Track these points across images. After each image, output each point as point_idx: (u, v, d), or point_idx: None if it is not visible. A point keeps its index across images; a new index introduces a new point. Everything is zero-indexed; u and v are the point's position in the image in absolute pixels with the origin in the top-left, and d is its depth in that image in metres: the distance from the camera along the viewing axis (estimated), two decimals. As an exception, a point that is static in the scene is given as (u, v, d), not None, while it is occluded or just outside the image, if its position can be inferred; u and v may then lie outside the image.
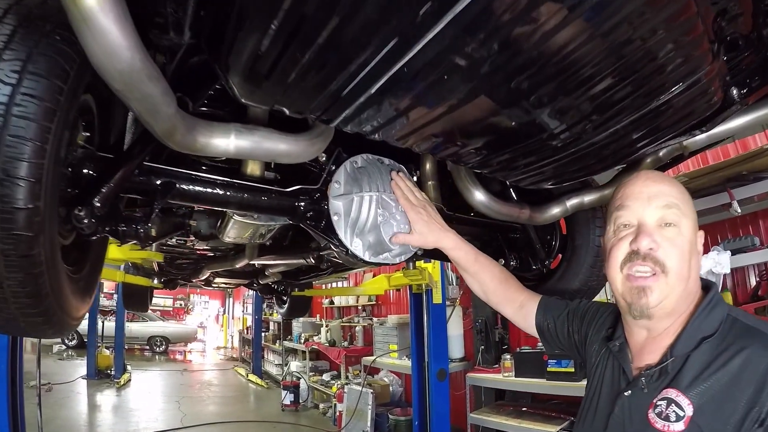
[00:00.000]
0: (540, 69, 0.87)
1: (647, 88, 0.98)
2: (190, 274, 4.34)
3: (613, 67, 0.89)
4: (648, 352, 1.02)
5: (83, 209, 1.02)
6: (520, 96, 0.96)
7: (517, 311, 1.43)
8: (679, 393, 0.91)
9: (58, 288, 1.03)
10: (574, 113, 1.05)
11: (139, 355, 15.65)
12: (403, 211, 1.33)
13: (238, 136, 1.02)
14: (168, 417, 7.48)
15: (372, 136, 1.07)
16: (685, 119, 1.17)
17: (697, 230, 1.03)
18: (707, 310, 0.98)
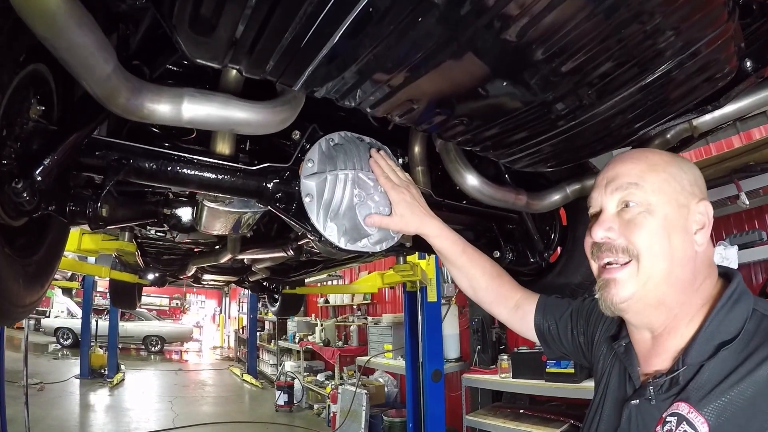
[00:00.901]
0: (533, 21, 0.74)
1: (655, 45, 0.84)
2: (177, 270, 4.22)
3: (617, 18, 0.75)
4: (656, 354, 0.89)
5: (21, 182, 0.92)
6: (511, 55, 0.83)
7: (513, 312, 1.25)
8: (691, 409, 0.77)
9: None
10: (574, 76, 0.91)
11: (135, 354, 15.48)
12: (383, 192, 1.18)
13: (191, 102, 0.90)
14: (160, 417, 7.35)
15: (343, 103, 0.94)
16: (696, 89, 1.03)
17: (684, 204, 0.88)
18: (727, 307, 0.83)
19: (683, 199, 0.88)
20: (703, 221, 0.87)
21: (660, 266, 0.85)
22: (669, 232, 0.86)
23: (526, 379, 4.29)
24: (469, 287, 1.30)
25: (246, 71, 0.85)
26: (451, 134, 1.14)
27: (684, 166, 0.91)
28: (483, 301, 1.30)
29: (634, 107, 1.06)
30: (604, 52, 0.84)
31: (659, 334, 0.89)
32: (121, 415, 7.34)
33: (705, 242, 0.87)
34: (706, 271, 0.88)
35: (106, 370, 10.25)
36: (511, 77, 0.91)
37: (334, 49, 0.77)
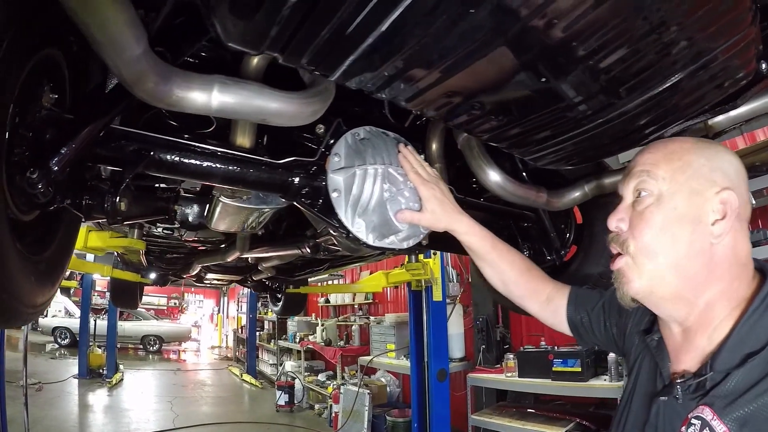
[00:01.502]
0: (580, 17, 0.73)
1: (684, 48, 0.84)
2: (180, 269, 4.19)
3: (652, 19, 0.76)
4: (685, 351, 0.87)
5: (37, 172, 0.88)
6: (554, 51, 0.81)
7: (545, 306, 1.23)
8: (715, 416, 0.76)
9: (1, 268, 0.88)
10: (607, 76, 0.91)
11: (133, 354, 15.41)
12: (413, 187, 1.16)
13: (221, 90, 0.86)
14: (160, 418, 7.29)
15: (378, 94, 0.91)
16: (717, 90, 1.04)
17: (699, 192, 0.84)
18: (759, 312, 0.79)
19: (698, 187, 0.84)
20: (723, 211, 0.83)
21: (662, 261, 0.85)
22: (675, 224, 0.85)
23: (532, 378, 4.28)
24: (499, 282, 1.27)
25: (283, 59, 0.81)
26: (481, 130, 1.12)
27: (709, 153, 0.87)
28: (514, 295, 1.27)
29: (658, 107, 1.06)
30: (638, 52, 0.84)
31: (688, 329, 0.87)
32: (120, 416, 7.29)
33: (723, 234, 0.82)
34: (732, 267, 0.84)
35: (105, 370, 10.20)
36: (551, 74, 0.89)
37: (381, 39, 0.73)
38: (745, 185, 0.87)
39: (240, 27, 0.74)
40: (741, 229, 0.84)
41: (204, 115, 1.28)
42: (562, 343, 4.69)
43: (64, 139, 0.94)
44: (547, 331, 5.19)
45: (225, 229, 1.95)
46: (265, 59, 1.02)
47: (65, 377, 9.63)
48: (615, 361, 3.82)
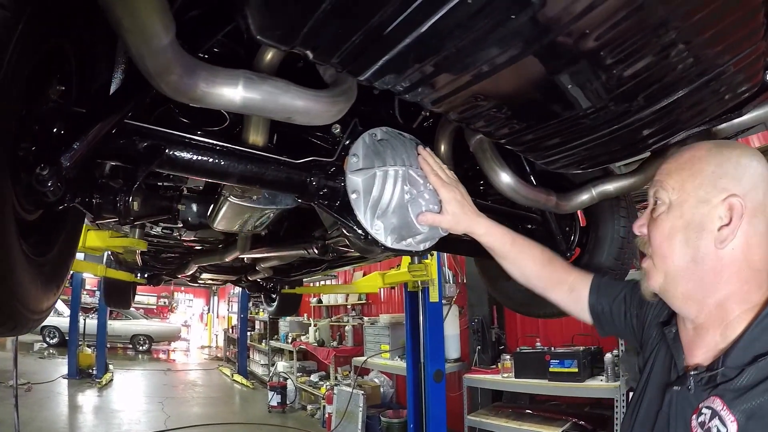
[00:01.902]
0: (611, 27, 0.74)
1: (698, 60, 0.88)
2: (175, 269, 4.14)
3: (672, 30, 0.78)
4: (697, 346, 0.93)
5: (47, 168, 0.83)
6: (584, 60, 0.83)
7: (567, 295, 1.25)
8: (724, 406, 0.81)
9: (9, 272, 0.84)
10: (627, 84, 0.93)
11: (122, 354, 15.23)
12: (432, 190, 1.15)
13: (247, 86, 0.83)
14: (151, 419, 7.21)
15: (405, 96, 0.90)
16: (726, 100, 1.08)
17: (706, 200, 0.88)
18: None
19: (705, 195, 0.88)
20: (728, 217, 0.86)
21: (671, 264, 0.91)
22: (682, 231, 0.90)
23: (529, 379, 4.29)
24: (521, 276, 1.29)
25: (314, 56, 0.79)
26: (500, 134, 1.13)
27: (720, 160, 0.90)
28: (537, 287, 1.29)
29: (668, 116, 1.09)
30: (655, 65, 0.87)
31: (698, 327, 0.92)
32: (111, 417, 7.19)
33: (729, 239, 0.86)
34: (742, 271, 0.87)
35: (95, 370, 10.04)
36: (575, 83, 0.91)
37: (418, 41, 0.72)
38: (765, 188, 0.87)
39: (274, 21, 0.72)
40: (756, 233, 0.86)
41: (215, 113, 1.27)
42: (558, 344, 4.72)
43: (76, 133, 0.90)
44: (542, 331, 5.22)
45: (228, 228, 1.92)
46: (280, 55, 0.99)
47: (54, 377, 9.48)
48: (611, 361, 3.85)
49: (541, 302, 2.12)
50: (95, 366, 10.13)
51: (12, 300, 0.88)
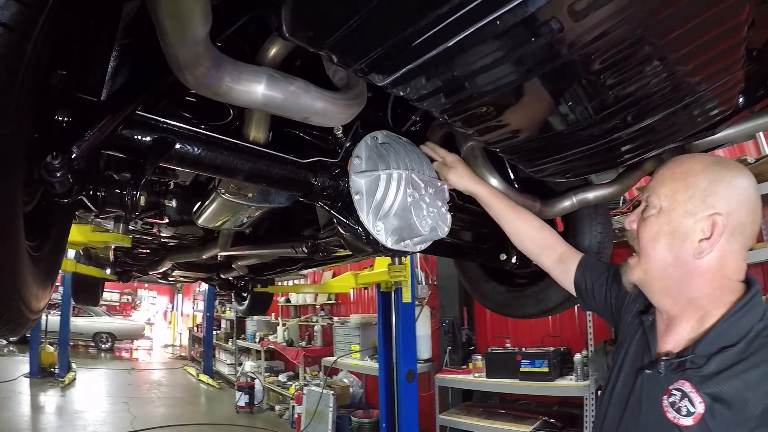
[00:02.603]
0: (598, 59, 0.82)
1: (685, 88, 0.97)
2: (148, 265, 4.05)
3: (666, 61, 0.87)
4: (670, 335, 1.04)
5: (59, 157, 0.80)
6: (585, 81, 0.90)
7: (556, 264, 1.40)
8: (693, 389, 0.92)
9: (16, 268, 0.82)
10: (618, 103, 1.00)
11: (84, 352, 14.70)
12: (432, 194, 1.20)
13: (270, 84, 0.84)
14: (117, 420, 7.01)
15: (417, 103, 0.93)
16: (705, 121, 1.17)
17: (693, 213, 0.98)
18: (738, 315, 0.95)
19: (692, 208, 0.99)
20: (706, 233, 0.97)
21: (652, 263, 1.03)
22: (666, 236, 1.01)
23: (500, 379, 4.37)
24: (515, 235, 1.46)
25: (339, 60, 0.81)
26: (498, 142, 1.17)
27: (713, 177, 0.99)
28: (529, 249, 1.46)
29: (649, 134, 1.16)
30: (645, 88, 0.94)
31: (672, 318, 1.04)
32: (75, 418, 6.94)
33: (707, 252, 0.97)
34: (716, 279, 0.98)
35: (57, 369, 9.68)
36: (575, 100, 0.97)
37: (442, 55, 0.76)
38: (749, 210, 0.97)
39: (307, 24, 0.73)
40: (731, 250, 0.97)
41: (215, 109, 1.27)
42: (528, 345, 4.83)
43: (85, 122, 0.87)
44: (512, 333, 5.33)
45: (213, 225, 1.91)
46: (284, 53, 1.01)
47: (15, 376, 9.12)
48: (580, 361, 3.97)
49: (520, 303, 2.20)
50: (58, 365, 9.76)
51: (16, 298, 0.86)
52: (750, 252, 3.41)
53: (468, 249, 2.09)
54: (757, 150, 3.88)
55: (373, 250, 1.23)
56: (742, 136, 1.45)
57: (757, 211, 0.99)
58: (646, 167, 1.64)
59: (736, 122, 1.38)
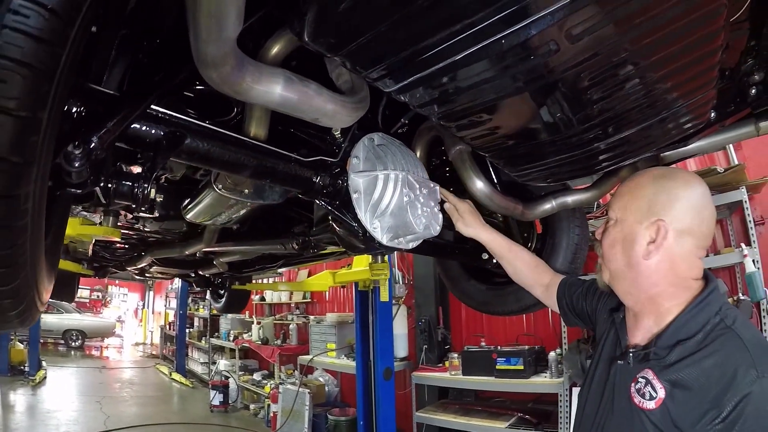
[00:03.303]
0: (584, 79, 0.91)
1: (663, 101, 1.05)
2: (126, 260, 4.00)
3: (646, 80, 0.95)
4: (637, 330, 1.18)
5: (81, 147, 0.81)
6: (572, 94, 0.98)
7: (545, 291, 1.61)
8: (654, 376, 1.05)
9: (37, 256, 0.83)
10: (600, 116, 1.08)
11: (53, 349, 14.34)
12: (426, 193, 1.27)
13: (287, 85, 0.88)
14: (89, 419, 6.87)
15: (418, 108, 0.99)
16: (680, 133, 1.26)
17: (640, 221, 1.14)
18: (696, 310, 1.08)
19: (641, 217, 1.15)
20: (652, 237, 1.12)
21: (612, 266, 1.21)
22: (619, 243, 1.18)
23: (476, 376, 4.46)
24: (513, 273, 1.68)
25: (352, 66, 0.86)
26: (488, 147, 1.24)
27: (657, 189, 1.16)
28: (524, 283, 1.68)
29: (625, 144, 1.25)
30: (629, 104, 1.04)
31: (637, 314, 1.19)
32: (47, 417, 6.78)
33: (653, 254, 1.12)
34: (668, 277, 1.12)
35: (27, 367, 9.42)
36: (561, 110, 1.04)
37: (450, 67, 0.81)
38: (694, 214, 1.12)
39: (328, 32, 0.77)
40: (681, 251, 1.11)
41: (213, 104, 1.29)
42: (503, 343, 4.95)
43: (106, 114, 0.88)
44: (486, 332, 5.45)
45: (201, 220, 1.93)
46: (285, 53, 1.03)
47: (-17, 375, 8.84)
48: (555, 359, 4.09)
49: (500, 301, 2.28)
50: (28, 362, 9.51)
51: (33, 288, 0.86)
52: (717, 257, 3.62)
53: (451, 248, 2.16)
54: (726, 160, 4.08)
55: (367, 247, 1.28)
56: (712, 147, 1.57)
57: (704, 213, 1.12)
58: (622, 174, 1.74)
59: (707, 135, 1.49)
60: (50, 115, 0.60)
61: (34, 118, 0.57)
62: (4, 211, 0.63)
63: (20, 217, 0.66)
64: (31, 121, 0.57)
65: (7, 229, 0.66)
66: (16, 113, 0.55)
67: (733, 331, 1.03)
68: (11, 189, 0.61)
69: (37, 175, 0.64)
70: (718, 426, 0.94)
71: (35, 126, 0.58)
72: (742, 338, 1.01)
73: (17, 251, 0.72)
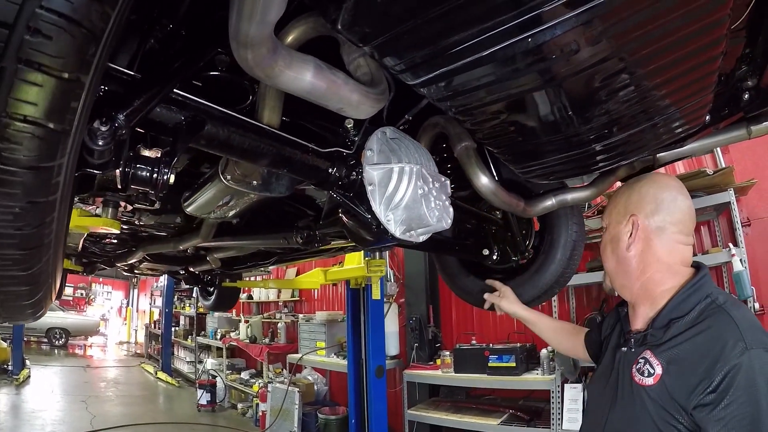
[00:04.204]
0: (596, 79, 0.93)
1: (659, 106, 1.09)
2: (117, 256, 3.93)
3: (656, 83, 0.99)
4: (637, 318, 1.30)
5: (108, 124, 0.76)
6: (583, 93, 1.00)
7: (573, 348, 1.77)
8: (652, 355, 1.16)
9: (61, 239, 0.82)
10: (606, 116, 1.10)
11: (37, 348, 14.17)
12: (438, 187, 1.28)
13: (317, 73, 0.88)
14: (75, 419, 6.77)
15: (437, 102, 0.99)
16: (678, 135, 1.30)
17: (620, 221, 1.33)
18: (686, 294, 1.19)
19: (620, 218, 1.33)
20: (629, 231, 1.29)
21: (608, 267, 1.38)
22: (609, 244, 1.37)
23: (468, 374, 4.49)
24: (545, 338, 1.88)
25: (379, 55, 0.85)
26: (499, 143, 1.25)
27: (629, 193, 1.35)
28: (562, 350, 1.90)
29: (628, 144, 1.27)
30: (634, 106, 1.06)
31: (635, 305, 1.32)
32: (33, 417, 6.67)
33: (633, 246, 1.28)
34: (654, 265, 1.26)
35: (11, 366, 9.28)
36: (567, 110, 1.06)
37: (475, 62, 0.82)
38: (666, 206, 1.27)
39: (362, 23, 0.77)
40: (660, 240, 1.26)
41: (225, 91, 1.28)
42: (494, 341, 4.99)
43: (131, 95, 0.84)
44: (477, 329, 5.49)
45: (201, 213, 1.91)
46: (303, 39, 1.02)
47: (-34, 374, 8.66)
48: (547, 356, 4.13)
49: (498, 298, 2.29)
50: (11, 361, 9.36)
51: (52, 276, 0.85)
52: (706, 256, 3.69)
53: (452, 244, 2.17)
54: (714, 163, 4.17)
55: (378, 240, 1.28)
56: (705, 149, 1.63)
57: (675, 204, 1.27)
58: (619, 173, 1.77)
59: (702, 137, 1.54)
60: (92, 81, 0.56)
61: (78, 82, 0.53)
62: (35, 184, 0.59)
63: (51, 192, 0.63)
64: (75, 86, 0.53)
65: (36, 204, 0.62)
66: (59, 74, 0.50)
67: (723, 309, 1.11)
68: (45, 159, 0.57)
69: (72, 147, 0.61)
70: (710, 396, 1.01)
71: (78, 91, 0.54)
72: (731, 315, 1.09)
73: (44, 230, 0.70)
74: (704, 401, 1.01)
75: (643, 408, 1.12)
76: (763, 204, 3.98)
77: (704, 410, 1.01)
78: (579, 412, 3.73)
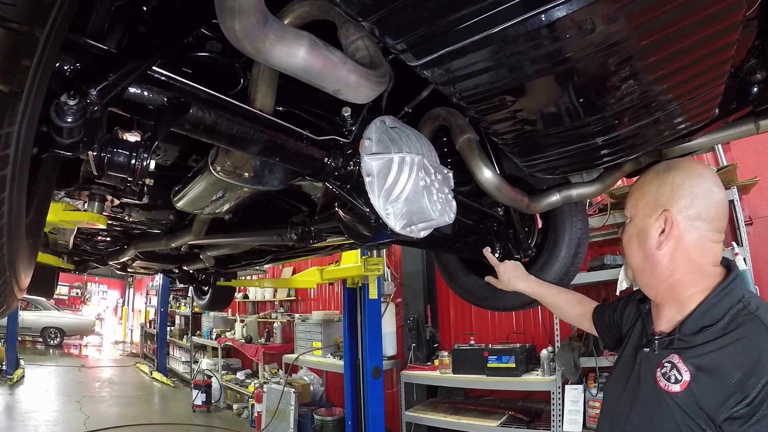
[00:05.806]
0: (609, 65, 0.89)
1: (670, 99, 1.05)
2: (109, 254, 3.85)
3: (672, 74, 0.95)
4: (661, 319, 1.22)
5: (77, 97, 0.69)
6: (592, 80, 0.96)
7: (588, 321, 1.66)
8: (680, 360, 1.08)
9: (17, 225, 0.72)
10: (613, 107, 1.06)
11: (31, 348, 14.04)
12: (440, 178, 1.21)
13: (311, 50, 0.81)
14: (70, 419, 6.68)
15: (440, 86, 0.93)
16: (689, 127, 1.25)
17: (649, 215, 1.20)
18: (718, 297, 1.10)
19: (650, 211, 1.20)
20: (661, 227, 1.17)
21: (632, 262, 1.27)
22: (635, 238, 1.24)
23: (467, 374, 4.42)
24: (559, 313, 1.84)
25: (380, 33, 0.79)
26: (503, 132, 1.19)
27: (660, 183, 1.21)
28: (570, 321, 1.82)
29: (635, 137, 1.23)
30: (645, 99, 1.02)
31: (659, 305, 1.24)
32: (26, 418, 6.58)
33: (665, 243, 1.17)
34: (684, 265, 1.16)
35: (5, 366, 9.18)
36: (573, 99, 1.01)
37: (482, 41, 0.76)
38: (702, 200, 1.15)
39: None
40: (692, 238, 1.15)
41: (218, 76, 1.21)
42: (492, 341, 4.93)
43: (106, 69, 0.77)
44: (476, 329, 5.43)
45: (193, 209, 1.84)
46: (300, 22, 0.96)
47: (-40, 374, 8.57)
48: (547, 357, 4.07)
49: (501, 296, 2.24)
50: (5, 361, 9.26)
51: (9, 268, 0.78)
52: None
53: (452, 241, 2.11)
54: (715, 161, 4.12)
55: (376, 235, 1.21)
56: (713, 143, 1.59)
57: (710, 198, 1.15)
58: (625, 168, 1.72)
59: (710, 131, 1.50)
60: (48, 38, 0.49)
61: (31, 35, 0.46)
62: None
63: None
64: (27, 39, 0.45)
65: None
66: (6, 24, 0.42)
67: (757, 316, 1.04)
68: None
69: (24, 114, 0.53)
70: (742, 410, 0.95)
71: (30, 46, 0.47)
72: (765, 324, 1.02)
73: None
74: (736, 414, 0.96)
75: (668, 413, 1.07)
76: (766, 203, 3.94)
77: (735, 423, 0.97)
78: (580, 413, 3.67)
